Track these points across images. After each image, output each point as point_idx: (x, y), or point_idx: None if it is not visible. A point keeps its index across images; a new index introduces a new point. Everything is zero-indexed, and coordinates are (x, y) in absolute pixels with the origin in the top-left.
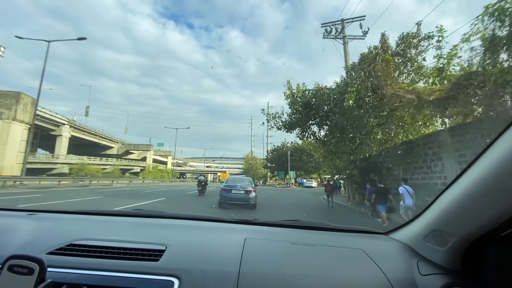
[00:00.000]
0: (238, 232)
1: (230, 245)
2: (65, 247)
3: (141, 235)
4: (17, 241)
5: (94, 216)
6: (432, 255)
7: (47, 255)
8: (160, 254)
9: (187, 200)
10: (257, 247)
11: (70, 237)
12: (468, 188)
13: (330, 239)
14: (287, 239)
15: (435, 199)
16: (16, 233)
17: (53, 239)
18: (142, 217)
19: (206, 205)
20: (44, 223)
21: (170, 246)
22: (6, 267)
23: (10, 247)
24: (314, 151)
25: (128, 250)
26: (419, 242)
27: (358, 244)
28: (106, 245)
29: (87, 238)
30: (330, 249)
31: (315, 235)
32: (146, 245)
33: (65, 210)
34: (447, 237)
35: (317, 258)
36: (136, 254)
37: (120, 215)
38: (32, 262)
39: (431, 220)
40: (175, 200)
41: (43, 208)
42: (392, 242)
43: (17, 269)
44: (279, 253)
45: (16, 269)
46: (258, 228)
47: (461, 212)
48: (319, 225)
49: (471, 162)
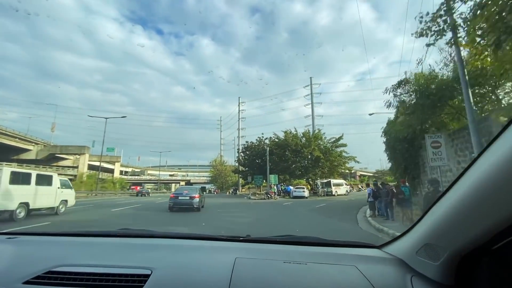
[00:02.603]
0: (228, 251)
1: (219, 266)
2: (43, 275)
3: (126, 258)
4: None
5: (77, 238)
6: (426, 270)
7: (23, 284)
8: (145, 280)
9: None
10: (248, 268)
11: (50, 263)
12: (458, 201)
13: (323, 255)
14: (279, 257)
15: (426, 211)
16: None
17: (31, 266)
18: (128, 237)
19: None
20: (23, 247)
21: (156, 269)
22: None
23: None
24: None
25: (111, 276)
26: (412, 256)
27: (352, 260)
28: (88, 271)
29: (68, 264)
30: (323, 267)
31: (308, 251)
32: (131, 269)
33: (47, 232)
34: (439, 251)
35: (310, 277)
36: (119, 280)
37: (105, 235)
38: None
39: (422, 233)
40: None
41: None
42: (386, 257)
43: None
44: (270, 273)
45: None
46: (249, 246)
47: (452, 225)
48: (312, 240)
49: (460, 174)
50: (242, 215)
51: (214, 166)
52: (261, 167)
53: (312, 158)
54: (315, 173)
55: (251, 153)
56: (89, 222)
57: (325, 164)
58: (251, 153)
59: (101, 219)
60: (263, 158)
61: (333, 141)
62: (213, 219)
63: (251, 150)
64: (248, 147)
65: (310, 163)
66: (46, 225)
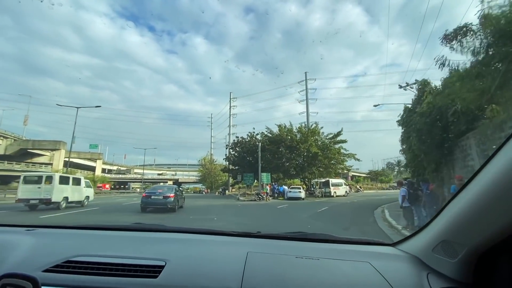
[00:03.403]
0: (240, 246)
1: (232, 259)
2: (61, 264)
3: (140, 250)
4: (13, 258)
5: (93, 231)
6: (442, 267)
7: (43, 272)
8: (160, 270)
9: None
10: (260, 262)
11: (68, 253)
12: (477, 197)
13: (335, 251)
14: (291, 252)
15: (443, 208)
16: (13, 250)
17: (50, 256)
18: (142, 231)
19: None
20: (41, 239)
21: (170, 261)
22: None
23: (6, 264)
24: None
25: (127, 266)
26: (428, 253)
27: (365, 256)
28: (104, 261)
29: (85, 254)
30: (335, 262)
31: (319, 247)
32: (145, 260)
33: (64, 225)
34: (457, 248)
35: (322, 272)
36: (135, 270)
37: (119, 229)
38: (26, 280)
39: (439, 230)
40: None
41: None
42: (400, 254)
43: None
44: (282, 268)
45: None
46: (261, 241)
47: (471, 221)
48: (323, 237)
49: (479, 169)
50: (222, 224)
51: (203, 165)
52: (253, 165)
53: (309, 155)
54: (311, 172)
55: (242, 150)
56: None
57: (323, 162)
58: (242, 149)
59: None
60: (254, 155)
61: (331, 137)
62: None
63: (242, 147)
64: (238, 143)
65: (306, 160)
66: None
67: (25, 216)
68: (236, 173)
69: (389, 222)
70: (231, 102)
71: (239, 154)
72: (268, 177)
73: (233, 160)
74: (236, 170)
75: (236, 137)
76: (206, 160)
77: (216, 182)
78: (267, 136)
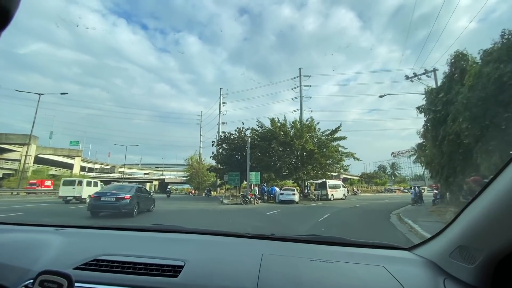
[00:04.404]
0: (255, 248)
1: (247, 261)
2: (90, 262)
3: (159, 250)
4: (46, 256)
5: (115, 231)
6: (460, 273)
7: (74, 270)
8: (179, 270)
9: None
10: (275, 264)
11: (95, 252)
12: (496, 201)
13: (349, 254)
14: (305, 255)
15: (460, 212)
16: (45, 249)
17: (79, 254)
18: (161, 232)
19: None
20: (70, 238)
21: (189, 261)
22: (37, 282)
23: (40, 262)
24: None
25: (149, 265)
26: (444, 258)
27: (380, 260)
28: (128, 261)
29: (111, 253)
30: (350, 266)
31: (333, 251)
32: (166, 260)
33: (89, 225)
34: (475, 254)
35: (337, 275)
36: (156, 269)
37: (139, 230)
38: (61, 277)
39: (456, 235)
40: None
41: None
42: (416, 259)
43: (47, 284)
44: (297, 270)
45: (46, 284)
46: (274, 244)
47: (490, 226)
48: (337, 240)
49: (497, 172)
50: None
51: (190, 164)
52: (241, 163)
53: (303, 153)
54: (306, 172)
55: (229, 147)
56: None
57: (320, 161)
58: (229, 147)
59: None
60: (243, 153)
61: (328, 133)
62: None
63: (229, 143)
64: (225, 139)
65: (301, 159)
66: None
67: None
68: (223, 172)
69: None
70: (221, 99)
71: (227, 151)
72: (257, 177)
73: (220, 158)
74: (223, 169)
75: (223, 132)
76: (194, 160)
77: (204, 182)
78: (258, 131)
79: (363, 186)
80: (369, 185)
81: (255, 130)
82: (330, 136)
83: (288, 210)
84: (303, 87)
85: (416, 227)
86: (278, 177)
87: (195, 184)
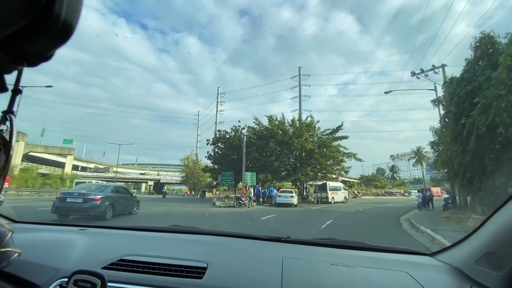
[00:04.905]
0: (274, 250)
1: (269, 264)
2: (116, 262)
3: (182, 251)
4: (74, 256)
5: (138, 232)
6: (487, 280)
7: (102, 269)
8: (203, 272)
9: None
10: (296, 267)
11: (120, 252)
12: None
13: (370, 259)
14: (325, 259)
15: (487, 218)
16: (72, 248)
17: (105, 254)
18: (181, 233)
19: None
20: (94, 238)
21: (211, 263)
22: (72, 282)
23: (70, 261)
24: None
25: (173, 266)
26: (470, 265)
27: (402, 266)
28: (153, 261)
29: (135, 254)
30: (372, 271)
31: (353, 255)
32: (189, 262)
33: (110, 225)
34: (503, 261)
35: (359, 280)
36: (181, 271)
37: (161, 231)
38: (95, 277)
39: (483, 241)
40: None
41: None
42: (440, 265)
43: (81, 283)
44: (318, 274)
45: (81, 283)
46: (292, 247)
47: None
48: (356, 244)
49: None
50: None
51: (186, 165)
52: (237, 163)
53: (302, 154)
54: (305, 173)
55: (225, 146)
56: None
57: (320, 161)
58: (225, 146)
59: None
60: (239, 153)
61: (329, 132)
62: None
63: (224, 142)
64: (220, 138)
65: (300, 159)
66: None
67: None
68: (218, 173)
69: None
70: (218, 97)
71: (222, 151)
72: (253, 177)
73: (215, 158)
74: (219, 169)
75: (218, 131)
76: (189, 160)
77: (199, 183)
78: (255, 129)
79: (362, 189)
80: (368, 188)
81: (252, 128)
82: (331, 135)
83: (286, 214)
84: (303, 87)
85: (440, 238)
86: (275, 178)
87: (191, 185)
